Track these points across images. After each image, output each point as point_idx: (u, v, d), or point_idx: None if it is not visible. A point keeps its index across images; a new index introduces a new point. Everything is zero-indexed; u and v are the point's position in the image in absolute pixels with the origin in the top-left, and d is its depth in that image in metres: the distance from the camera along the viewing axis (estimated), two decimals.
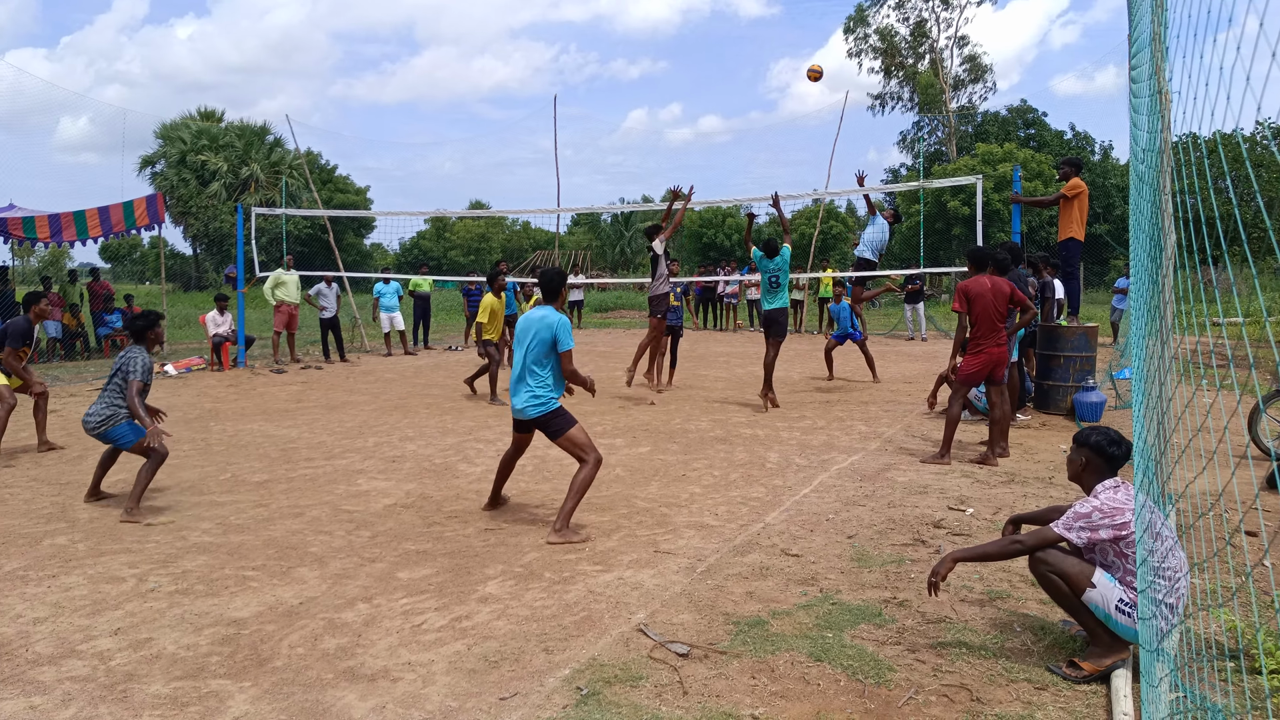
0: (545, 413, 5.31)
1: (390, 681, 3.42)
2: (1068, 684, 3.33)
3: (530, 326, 5.34)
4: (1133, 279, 3.95)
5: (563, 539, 5.14)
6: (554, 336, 5.26)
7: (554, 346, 5.28)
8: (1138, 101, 3.92)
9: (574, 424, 5.34)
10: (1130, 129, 4.01)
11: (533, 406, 5.30)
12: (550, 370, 5.33)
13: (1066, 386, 9.32)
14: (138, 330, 6.21)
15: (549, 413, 5.31)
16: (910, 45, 41.93)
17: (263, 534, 5.38)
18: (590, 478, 5.27)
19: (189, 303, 31.10)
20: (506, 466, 5.83)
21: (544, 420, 5.33)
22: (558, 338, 5.25)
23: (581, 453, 5.31)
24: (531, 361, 5.31)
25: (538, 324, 5.31)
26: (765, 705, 3.19)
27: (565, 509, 5.24)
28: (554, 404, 5.34)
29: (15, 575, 4.63)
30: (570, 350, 5.27)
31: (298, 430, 8.93)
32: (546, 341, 5.27)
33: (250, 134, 43.39)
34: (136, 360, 5.98)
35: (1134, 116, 3.94)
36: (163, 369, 13.76)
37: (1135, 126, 3.90)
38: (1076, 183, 9.59)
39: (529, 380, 5.32)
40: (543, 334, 5.28)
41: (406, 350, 17.37)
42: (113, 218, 14.70)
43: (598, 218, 54.15)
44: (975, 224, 12.54)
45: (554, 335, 5.26)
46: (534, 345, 5.31)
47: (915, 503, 5.97)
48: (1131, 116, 3.98)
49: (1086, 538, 3.44)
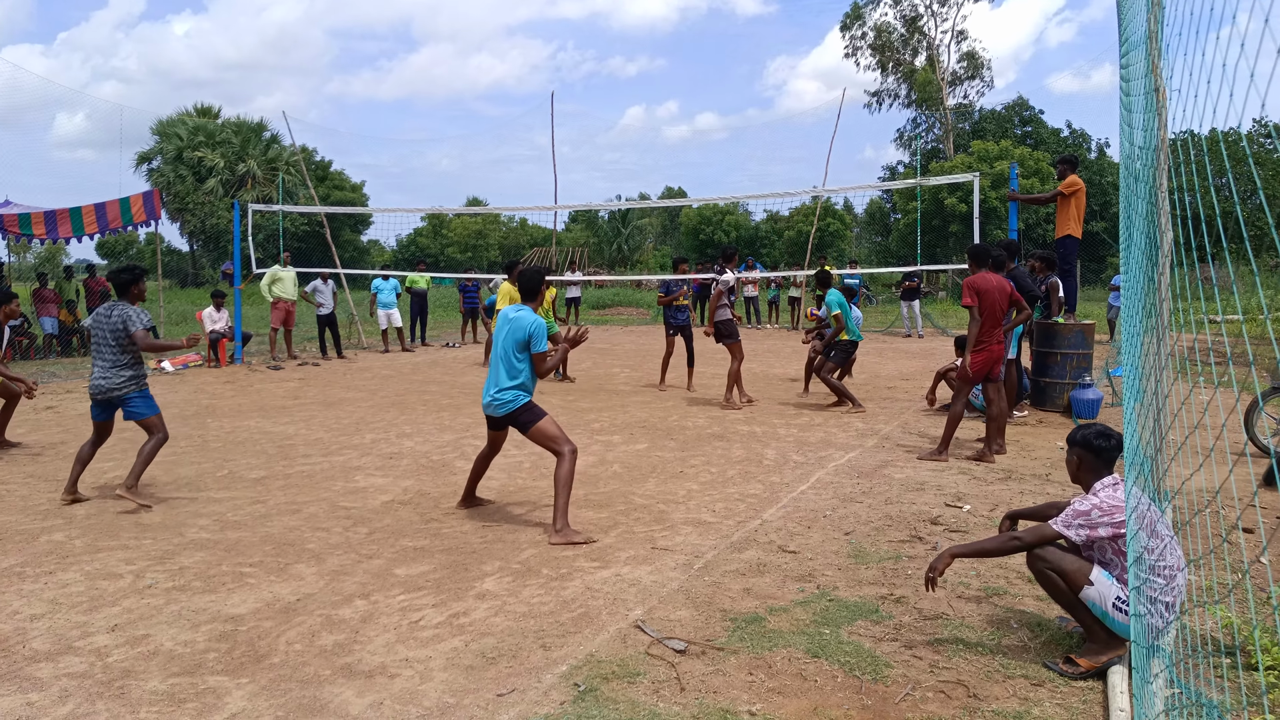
0: (515, 408, 5.35)
1: (388, 678, 3.42)
2: (1064, 680, 3.33)
3: (505, 325, 5.42)
4: (1123, 275, 3.97)
5: (564, 539, 5.12)
6: (528, 337, 5.32)
7: (527, 346, 5.33)
8: (1129, 100, 3.95)
9: (544, 416, 5.39)
10: (1121, 127, 4.05)
11: (500, 404, 5.36)
12: (523, 367, 5.37)
13: (1063, 383, 9.34)
14: (122, 284, 5.93)
15: (518, 408, 5.35)
16: (905, 40, 41.92)
17: (260, 530, 5.38)
18: (570, 470, 5.28)
19: (186, 299, 31.05)
20: (481, 464, 5.85)
21: (514, 415, 5.37)
22: (532, 338, 5.31)
23: (555, 445, 5.33)
24: (503, 359, 5.37)
25: (513, 323, 5.37)
26: (762, 701, 3.19)
27: (558, 506, 5.25)
28: (523, 398, 5.37)
29: (12, 571, 4.62)
30: (543, 353, 5.33)
31: (295, 427, 8.92)
32: (520, 341, 5.33)
33: (247, 130, 43.29)
34: (130, 312, 5.74)
35: (1125, 115, 3.97)
36: (159, 365, 13.73)
37: (1128, 125, 3.93)
38: (1073, 180, 9.60)
39: (501, 378, 5.37)
40: (517, 334, 5.34)
41: (404, 347, 17.36)
42: (109, 214, 14.67)
43: (595, 215, 54.11)
44: (973, 221, 12.54)
45: (528, 335, 5.32)
46: (508, 344, 5.36)
47: (912, 499, 5.97)
48: (1123, 115, 4.01)
49: (1085, 535, 3.45)
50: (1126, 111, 3.98)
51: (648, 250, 51.81)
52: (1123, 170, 4.12)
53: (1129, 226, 3.88)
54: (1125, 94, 4.05)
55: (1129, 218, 3.89)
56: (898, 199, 36.98)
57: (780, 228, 43.50)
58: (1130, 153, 3.95)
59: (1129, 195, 3.90)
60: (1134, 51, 3.97)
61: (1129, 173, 3.95)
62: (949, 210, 33.81)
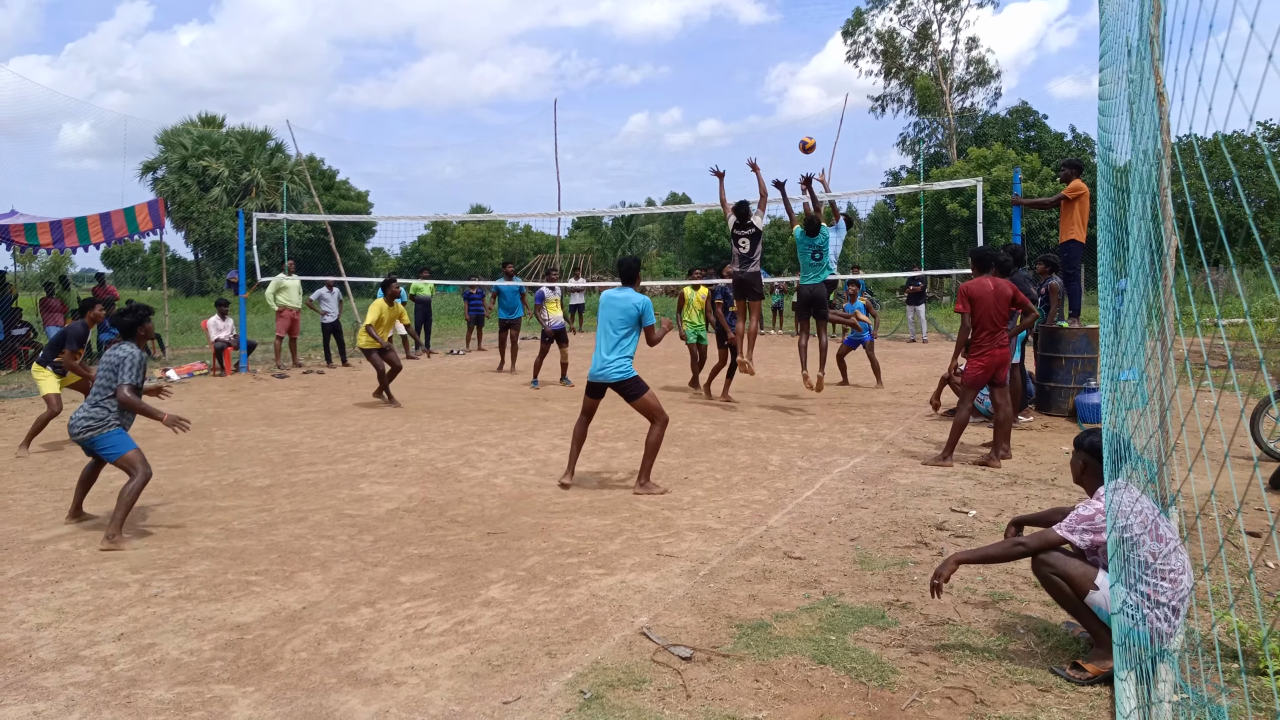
0: (627, 379, 6.31)
1: (393, 686, 3.42)
2: (1071, 686, 3.32)
3: (612, 303, 6.36)
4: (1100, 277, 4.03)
5: (647, 490, 6.25)
6: (639, 312, 6.30)
7: (639, 321, 6.32)
8: (1105, 104, 4.05)
9: (648, 389, 6.41)
10: (1098, 133, 4.18)
11: (614, 371, 6.29)
12: (629, 342, 6.31)
13: (1068, 388, 9.31)
14: (126, 326, 5.63)
15: (630, 379, 6.31)
16: (913, 47, 41.97)
17: (265, 539, 5.39)
18: (660, 437, 6.34)
19: (191, 308, 31.15)
20: (581, 433, 6.66)
21: (624, 385, 6.33)
22: (643, 313, 6.30)
23: (654, 415, 6.36)
24: (611, 334, 6.32)
25: (621, 302, 6.33)
26: (768, 708, 3.19)
27: (645, 466, 6.34)
28: (633, 371, 6.32)
29: (18, 581, 4.63)
30: (653, 325, 6.37)
31: (300, 435, 8.94)
32: (632, 318, 6.30)
33: (251, 139, 43.44)
34: (126, 359, 5.40)
35: (1101, 120, 4.09)
36: (165, 374, 13.77)
37: (1103, 130, 4.06)
38: (1078, 184, 9.59)
39: (610, 351, 6.30)
40: (627, 310, 6.29)
41: (408, 354, 17.38)
42: (114, 223, 14.72)
43: (599, 221, 54.10)
44: (975, 226, 12.53)
45: (639, 311, 6.30)
46: (614, 320, 6.32)
47: (918, 505, 5.96)
48: (1100, 120, 4.13)
49: (1090, 540, 3.44)
50: (1102, 116, 4.09)
51: (651, 256, 51.82)
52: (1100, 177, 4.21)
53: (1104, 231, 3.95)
54: (1101, 98, 4.15)
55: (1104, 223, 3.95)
56: (901, 204, 36.99)
57: (784, 233, 43.52)
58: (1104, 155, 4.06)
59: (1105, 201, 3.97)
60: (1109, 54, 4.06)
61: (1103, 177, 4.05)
62: (951, 215, 33.82)
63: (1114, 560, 3.17)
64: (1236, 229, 26.84)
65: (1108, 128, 4.08)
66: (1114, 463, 3.31)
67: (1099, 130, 4.27)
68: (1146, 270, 3.37)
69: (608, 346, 6.32)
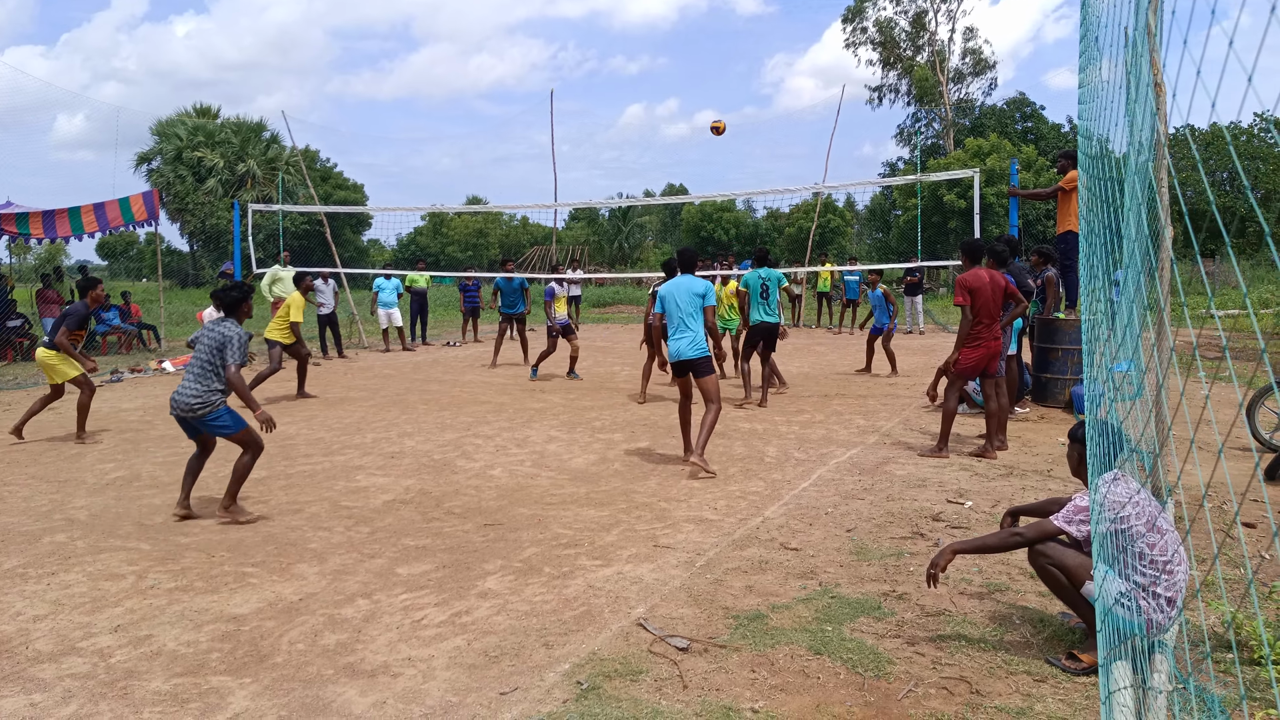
0: (700, 356, 6.74)
1: (390, 677, 3.42)
2: (1067, 676, 3.33)
3: (680, 289, 6.81)
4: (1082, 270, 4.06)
5: (702, 464, 6.54)
6: (705, 292, 6.77)
7: (704, 300, 6.76)
8: (1084, 91, 4.07)
9: (714, 372, 6.88)
10: (1080, 124, 4.21)
11: (692, 348, 6.74)
12: (699, 323, 6.78)
13: (1065, 379, 9.33)
14: (232, 302, 5.58)
15: (705, 356, 6.77)
16: (910, 37, 41.90)
17: (262, 530, 5.38)
18: (716, 418, 6.75)
19: (186, 299, 31.08)
20: (687, 414, 7.14)
21: (697, 363, 6.75)
22: (706, 294, 6.77)
23: (713, 397, 6.75)
24: (686, 316, 6.78)
25: (688, 288, 6.80)
26: (765, 699, 3.20)
27: (701, 442, 6.65)
28: (708, 350, 6.80)
29: (15, 573, 4.63)
30: (713, 305, 6.82)
31: (296, 426, 8.93)
32: (701, 299, 6.76)
33: (247, 130, 43.24)
34: (234, 338, 5.34)
35: (1081, 109, 4.13)
36: (161, 366, 13.74)
37: (1082, 119, 4.11)
38: (1074, 175, 9.58)
39: (688, 331, 6.77)
40: (697, 293, 6.76)
41: (404, 346, 17.36)
42: (109, 213, 14.66)
43: (595, 213, 54.08)
44: (972, 217, 12.53)
45: (705, 290, 6.77)
46: (688, 304, 6.77)
47: (914, 496, 5.97)
48: (1080, 110, 4.17)
49: (1086, 531, 3.45)
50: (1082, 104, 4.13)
51: (648, 248, 51.77)
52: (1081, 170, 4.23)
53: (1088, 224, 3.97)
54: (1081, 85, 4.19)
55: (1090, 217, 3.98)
56: (898, 195, 36.94)
57: (781, 224, 43.51)
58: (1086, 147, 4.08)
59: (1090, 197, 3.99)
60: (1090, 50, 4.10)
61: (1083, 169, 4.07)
62: (948, 206, 33.81)
63: (1097, 551, 3.18)
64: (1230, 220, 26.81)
65: (1086, 115, 4.11)
66: (1108, 454, 3.31)
67: (1080, 120, 4.30)
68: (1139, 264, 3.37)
69: (685, 328, 6.77)
